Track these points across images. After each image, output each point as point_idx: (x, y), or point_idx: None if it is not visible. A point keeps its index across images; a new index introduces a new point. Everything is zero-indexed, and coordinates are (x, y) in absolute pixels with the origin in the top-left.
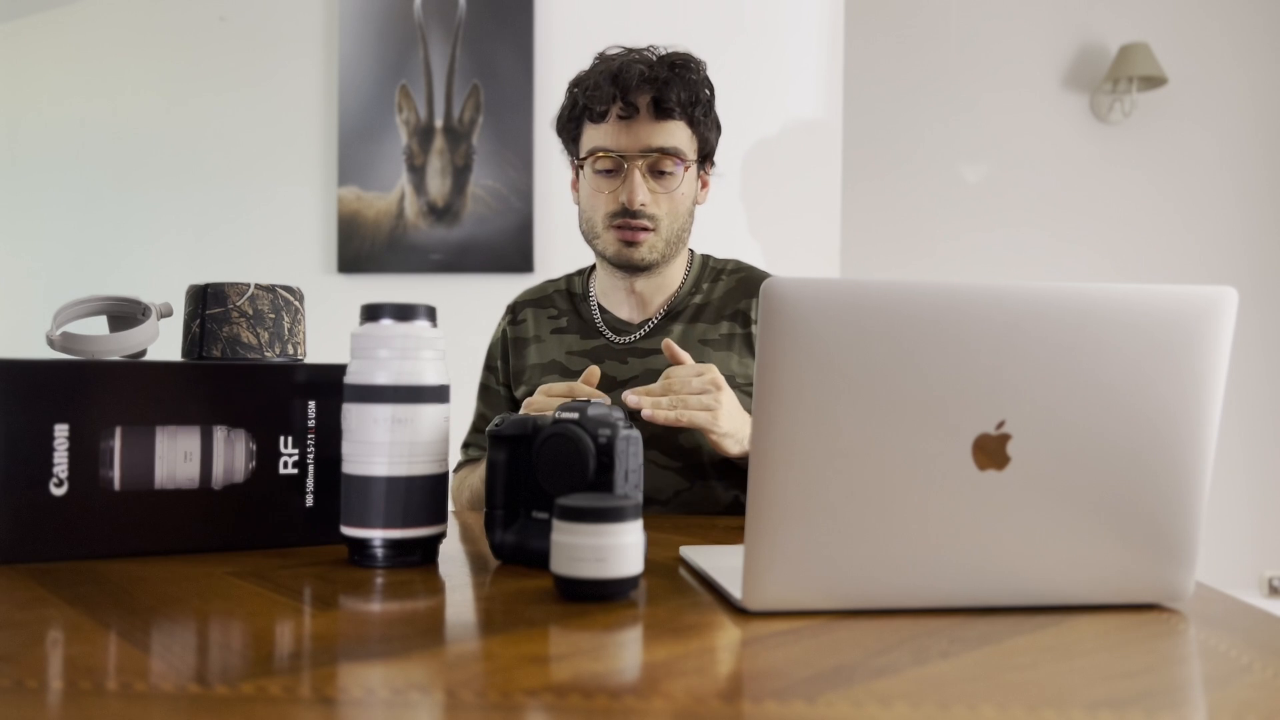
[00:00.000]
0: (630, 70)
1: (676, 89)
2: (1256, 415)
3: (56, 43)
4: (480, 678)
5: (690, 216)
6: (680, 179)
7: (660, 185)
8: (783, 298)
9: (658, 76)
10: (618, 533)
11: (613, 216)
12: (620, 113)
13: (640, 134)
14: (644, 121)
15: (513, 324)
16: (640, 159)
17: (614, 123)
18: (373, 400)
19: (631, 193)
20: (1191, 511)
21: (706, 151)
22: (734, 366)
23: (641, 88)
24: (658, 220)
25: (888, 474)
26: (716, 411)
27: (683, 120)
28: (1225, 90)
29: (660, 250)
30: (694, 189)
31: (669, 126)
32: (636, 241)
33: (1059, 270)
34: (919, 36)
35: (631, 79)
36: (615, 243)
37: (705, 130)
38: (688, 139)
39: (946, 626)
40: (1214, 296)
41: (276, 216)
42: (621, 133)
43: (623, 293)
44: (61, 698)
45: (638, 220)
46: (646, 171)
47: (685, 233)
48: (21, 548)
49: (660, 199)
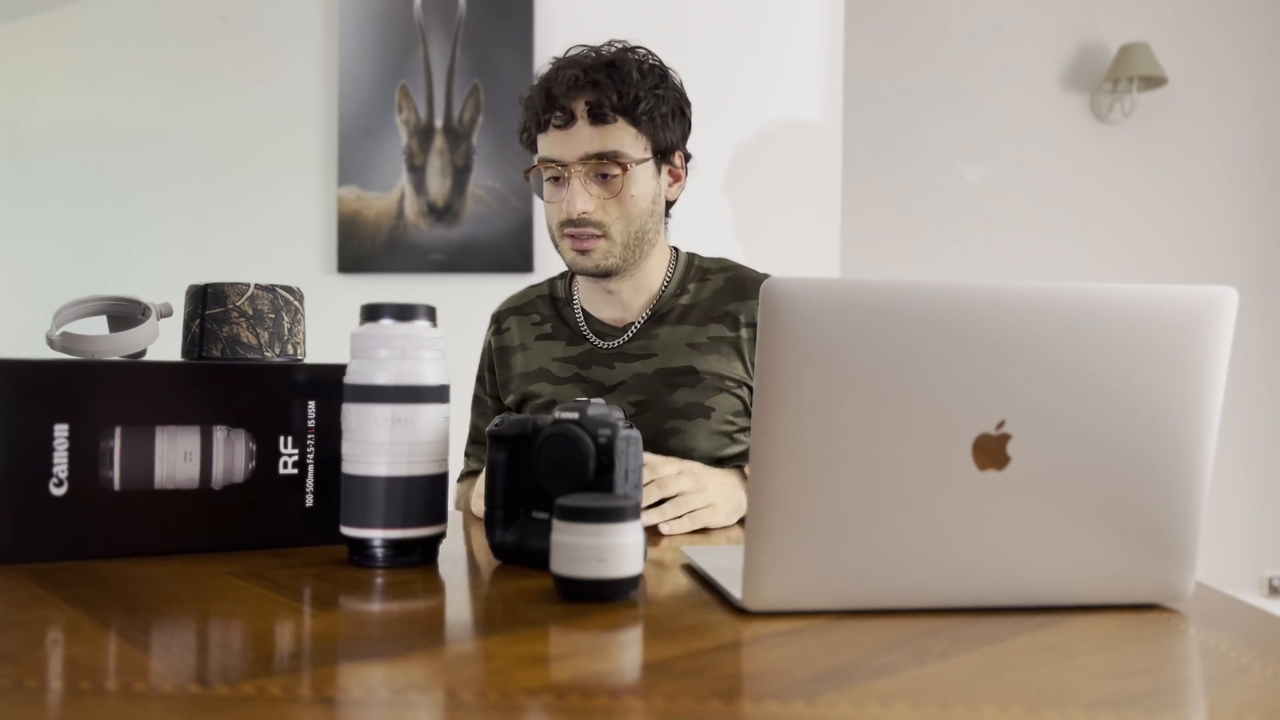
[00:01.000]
0: (561, 78)
1: (609, 92)
2: (1256, 415)
3: (56, 43)
4: (480, 678)
5: (652, 215)
6: (625, 181)
7: (605, 189)
8: (783, 298)
9: (593, 80)
10: (618, 533)
11: (563, 226)
12: (556, 122)
13: (577, 141)
14: (581, 128)
15: (497, 334)
16: (579, 165)
17: (552, 132)
18: (373, 400)
19: (571, 201)
20: (1191, 511)
21: (663, 147)
22: (723, 368)
23: (574, 94)
24: (605, 226)
25: (888, 474)
26: (715, 506)
27: (624, 120)
28: (1225, 90)
29: (617, 255)
30: (652, 187)
31: (607, 130)
32: (587, 249)
33: (1059, 270)
34: (919, 36)
35: (563, 87)
36: (570, 251)
37: (656, 127)
38: (632, 139)
39: (946, 626)
40: (1214, 296)
41: (276, 216)
42: (560, 141)
43: (601, 295)
44: (61, 698)
45: (583, 229)
46: (590, 177)
47: (649, 232)
48: (21, 548)
49: (608, 205)
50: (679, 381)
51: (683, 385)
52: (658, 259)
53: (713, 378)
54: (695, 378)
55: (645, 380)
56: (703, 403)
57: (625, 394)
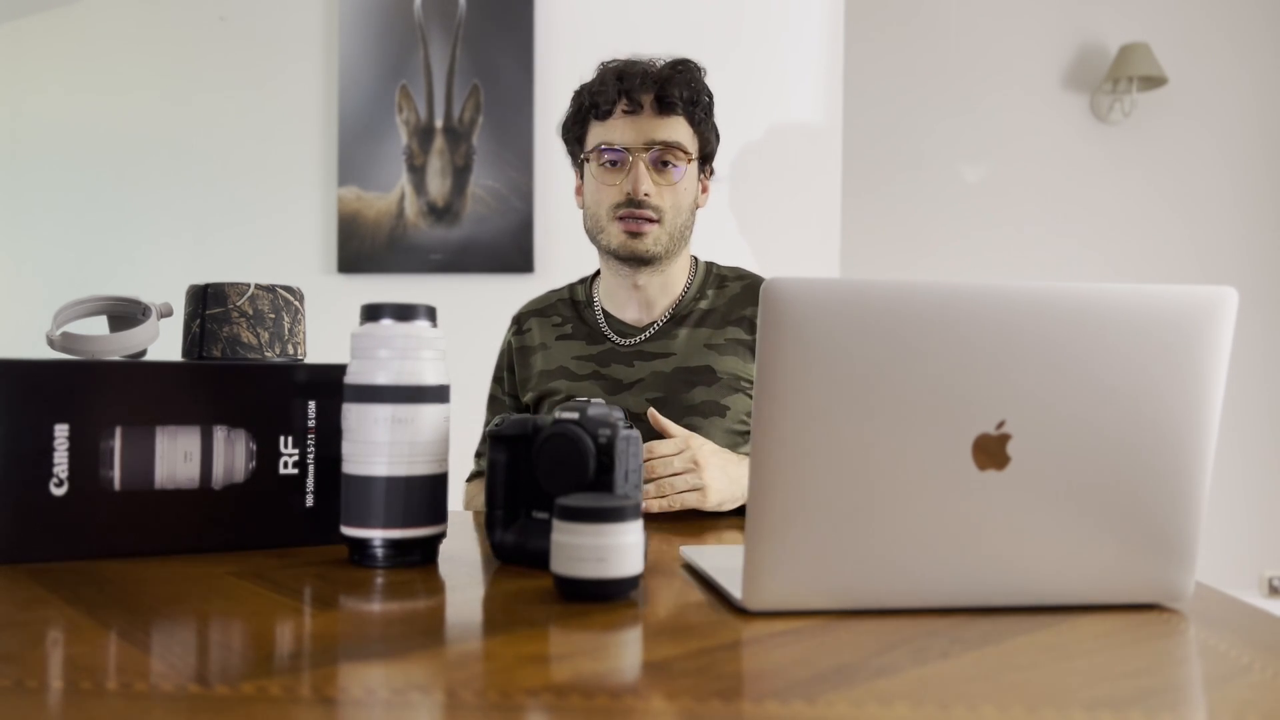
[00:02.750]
0: (634, 69)
1: (679, 86)
2: (1256, 415)
3: (56, 43)
4: (480, 678)
5: (692, 215)
6: (683, 173)
7: (664, 178)
8: (783, 298)
9: (661, 75)
10: (618, 533)
11: (618, 208)
12: (625, 108)
13: (644, 128)
14: (648, 116)
15: (518, 334)
16: (644, 151)
17: (619, 118)
18: (373, 400)
19: (636, 182)
20: (1191, 511)
21: (707, 153)
22: (739, 369)
23: (645, 85)
24: (661, 212)
25: (888, 474)
26: (704, 490)
27: (684, 116)
28: (1225, 90)
29: (664, 244)
30: (695, 188)
31: (672, 121)
32: (641, 232)
33: (1059, 270)
34: (919, 37)
35: (636, 77)
36: (620, 234)
37: (705, 131)
38: (689, 135)
39: (946, 626)
40: (1214, 296)
41: (276, 216)
42: (626, 127)
43: (627, 291)
44: (61, 698)
45: (642, 210)
46: (650, 165)
47: (687, 230)
48: (21, 548)
49: (664, 192)
50: (696, 380)
51: (700, 384)
52: (684, 261)
53: (729, 378)
54: (712, 377)
55: (663, 378)
56: (719, 401)
57: (643, 391)
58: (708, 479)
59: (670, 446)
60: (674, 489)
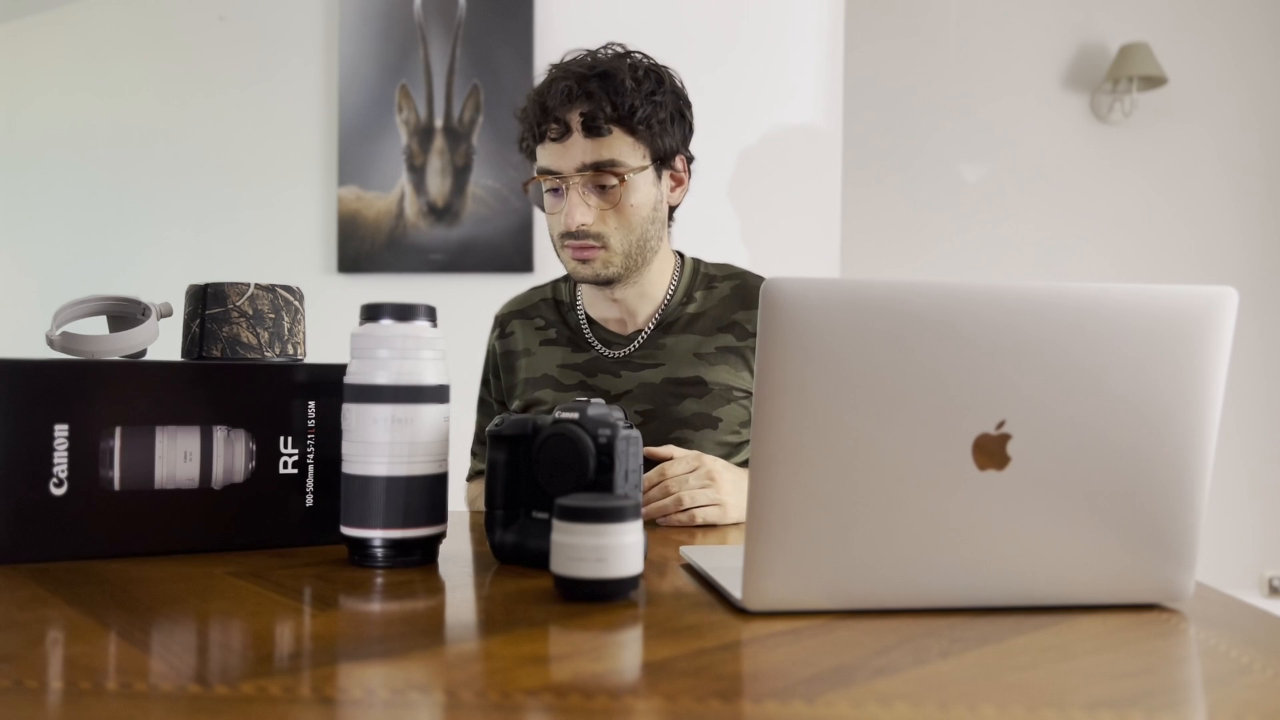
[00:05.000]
0: (555, 90)
1: (603, 103)
2: (1256, 415)
3: (56, 43)
4: (480, 678)
5: (654, 223)
6: (624, 191)
7: (604, 200)
8: (783, 298)
9: (587, 91)
10: (618, 533)
11: (564, 237)
12: (552, 135)
13: (574, 152)
14: (576, 140)
15: (501, 338)
16: (577, 177)
17: (549, 144)
18: (373, 400)
19: (569, 214)
20: (1191, 511)
21: (663, 153)
22: (730, 379)
23: (568, 105)
24: (605, 237)
25: (888, 474)
26: (724, 505)
27: (619, 131)
28: (1225, 90)
29: (618, 264)
30: (653, 195)
31: (603, 141)
32: (587, 259)
33: (1059, 270)
34: (919, 37)
35: (557, 99)
36: (571, 261)
37: (654, 134)
38: (629, 148)
39: (946, 626)
40: (1214, 296)
41: (276, 216)
42: (557, 153)
43: (606, 301)
44: (61, 698)
45: (582, 240)
46: (587, 188)
47: (651, 240)
48: (21, 548)
49: (606, 215)
50: (686, 392)
51: (690, 395)
52: (661, 265)
53: (720, 389)
54: (703, 388)
55: (652, 390)
56: (710, 413)
57: (632, 403)
58: (724, 495)
59: (684, 465)
60: (695, 502)
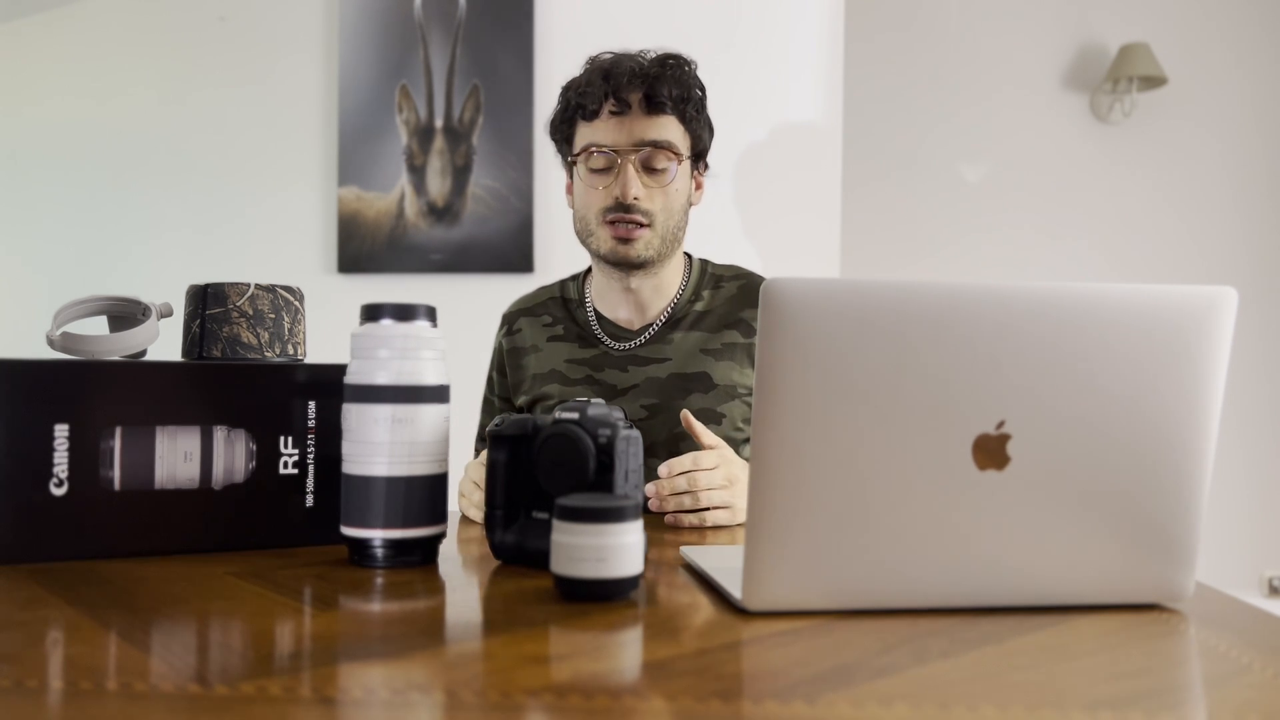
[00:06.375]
0: (621, 67)
1: (668, 84)
2: (1256, 415)
3: (56, 43)
4: (480, 678)
5: (685, 216)
6: (674, 174)
7: (654, 180)
8: (783, 298)
9: (649, 73)
10: (618, 533)
11: (607, 212)
12: (612, 109)
13: (633, 129)
14: (636, 117)
15: (509, 335)
16: (633, 153)
17: (606, 119)
18: (373, 400)
19: (625, 186)
20: (1191, 511)
21: (699, 150)
22: (735, 376)
23: (633, 84)
24: (652, 216)
25: (888, 474)
26: (734, 507)
27: (674, 115)
28: (1225, 90)
29: (655, 247)
30: (688, 187)
31: (661, 121)
32: (631, 238)
33: (1059, 270)
34: (919, 36)
35: (623, 75)
36: (610, 240)
37: (698, 128)
38: (680, 134)
39: (946, 626)
40: (1214, 296)
41: (276, 216)
42: (614, 128)
43: (619, 294)
44: (61, 698)
45: (632, 215)
46: (640, 166)
47: (680, 231)
48: (21, 548)
49: (654, 194)
50: (692, 387)
51: (696, 390)
52: (677, 262)
53: (725, 385)
54: (709, 384)
55: (658, 384)
56: (714, 409)
57: (638, 397)
58: (736, 498)
59: (711, 460)
60: (710, 502)
